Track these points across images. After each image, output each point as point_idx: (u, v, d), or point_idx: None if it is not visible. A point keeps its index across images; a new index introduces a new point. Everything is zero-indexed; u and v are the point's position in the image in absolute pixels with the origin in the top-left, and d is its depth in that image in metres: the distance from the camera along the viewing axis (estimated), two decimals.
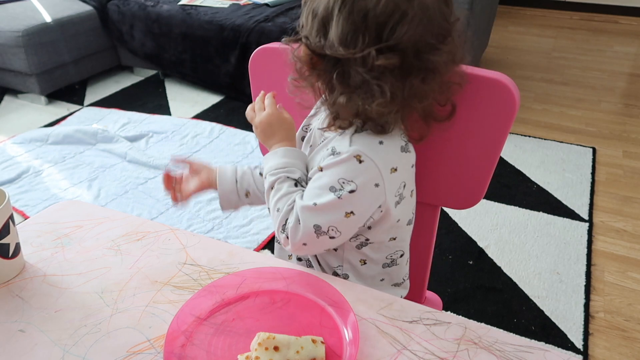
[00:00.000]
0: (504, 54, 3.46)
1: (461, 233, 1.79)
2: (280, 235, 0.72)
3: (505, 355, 0.57)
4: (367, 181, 0.68)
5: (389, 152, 0.71)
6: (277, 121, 0.78)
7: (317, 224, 0.69)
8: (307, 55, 0.70)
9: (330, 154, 0.71)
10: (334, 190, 0.69)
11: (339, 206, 0.68)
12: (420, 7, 0.63)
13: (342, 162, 0.69)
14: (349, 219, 0.69)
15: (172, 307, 0.64)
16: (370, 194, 0.69)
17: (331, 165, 0.70)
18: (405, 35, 0.63)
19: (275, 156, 0.76)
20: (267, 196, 0.75)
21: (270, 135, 0.78)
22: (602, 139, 2.41)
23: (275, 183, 0.74)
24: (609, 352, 1.35)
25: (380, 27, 0.63)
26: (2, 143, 2.43)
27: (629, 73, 3.18)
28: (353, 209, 0.69)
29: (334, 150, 0.71)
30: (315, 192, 0.70)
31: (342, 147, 0.70)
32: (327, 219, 0.69)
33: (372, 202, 0.71)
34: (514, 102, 0.73)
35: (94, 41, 3.00)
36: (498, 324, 1.43)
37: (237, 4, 2.84)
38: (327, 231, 0.69)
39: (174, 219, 1.89)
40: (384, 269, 0.82)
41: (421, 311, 0.63)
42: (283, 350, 0.55)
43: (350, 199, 0.68)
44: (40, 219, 0.82)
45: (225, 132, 2.51)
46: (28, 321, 0.63)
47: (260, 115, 0.78)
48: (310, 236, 0.69)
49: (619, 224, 1.83)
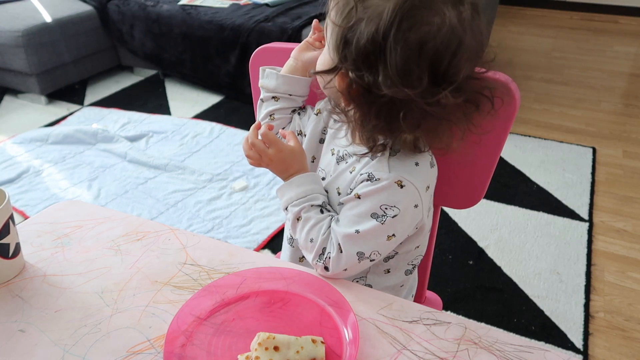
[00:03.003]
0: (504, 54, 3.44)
1: (461, 233, 1.79)
2: (317, 264, 0.71)
3: (505, 355, 0.57)
4: (408, 204, 0.69)
5: (423, 171, 0.71)
6: (289, 155, 0.74)
7: (360, 251, 0.69)
8: (347, 88, 0.64)
9: (365, 180, 0.69)
10: (376, 216, 0.69)
11: (381, 231, 0.69)
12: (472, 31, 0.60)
13: (384, 189, 0.68)
14: (390, 241, 0.70)
15: (172, 307, 0.64)
16: (410, 215, 0.70)
17: (371, 192, 0.69)
18: (463, 70, 0.60)
19: (291, 187, 0.74)
20: (294, 228, 0.74)
21: (286, 169, 0.75)
22: (602, 139, 2.41)
23: (301, 213, 0.73)
24: (609, 352, 1.35)
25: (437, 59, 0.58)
26: (2, 143, 2.43)
27: (629, 73, 3.18)
28: (395, 232, 0.70)
29: (371, 177, 0.69)
30: (355, 219, 0.70)
31: (381, 173, 0.68)
32: (370, 245, 0.70)
33: (411, 223, 0.72)
34: (515, 102, 0.73)
35: (94, 41, 3.00)
36: (498, 324, 1.43)
37: (237, 4, 2.84)
38: (369, 256, 0.70)
39: (174, 219, 1.89)
40: (405, 276, 0.83)
41: (421, 311, 0.63)
42: (283, 350, 0.55)
43: (393, 223, 0.69)
44: (40, 219, 0.82)
45: (225, 132, 2.51)
46: (28, 321, 0.63)
47: (268, 154, 0.74)
48: (352, 263, 0.70)
49: (619, 224, 1.83)
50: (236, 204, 1.96)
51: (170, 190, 2.04)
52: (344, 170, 0.76)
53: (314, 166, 0.86)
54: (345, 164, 0.76)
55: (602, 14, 4.21)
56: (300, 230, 0.73)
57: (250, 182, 2.10)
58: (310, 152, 0.86)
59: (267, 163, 0.75)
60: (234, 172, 2.16)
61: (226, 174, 2.15)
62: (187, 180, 2.12)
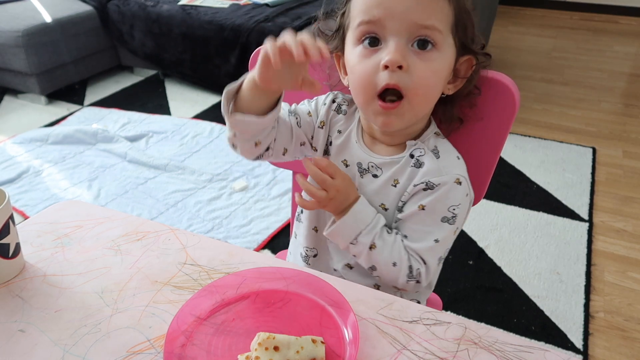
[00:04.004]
0: (504, 54, 3.46)
1: (461, 233, 1.78)
2: (409, 283, 0.72)
3: (505, 355, 0.57)
4: (464, 196, 0.71)
5: (462, 162, 0.74)
6: (349, 181, 0.70)
7: (440, 257, 0.73)
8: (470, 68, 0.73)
9: (423, 190, 0.70)
10: (447, 220, 0.71)
11: (452, 231, 0.72)
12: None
13: (448, 191, 0.70)
14: (455, 235, 0.74)
15: (172, 307, 0.64)
16: (467, 206, 0.73)
17: (436, 200, 0.70)
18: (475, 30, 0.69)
19: (355, 216, 0.70)
20: (368, 258, 0.72)
21: (347, 198, 0.70)
22: (602, 139, 2.41)
23: (375, 240, 0.70)
24: (609, 352, 1.35)
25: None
26: (2, 143, 2.43)
27: (629, 73, 3.18)
28: (458, 226, 0.73)
29: (430, 185, 0.70)
30: (429, 230, 0.71)
31: (439, 178, 0.70)
32: (446, 247, 0.73)
33: (467, 212, 0.74)
34: (514, 102, 0.73)
35: (94, 41, 3.00)
36: (498, 324, 1.43)
37: (237, 4, 2.84)
38: (444, 256, 0.73)
39: (174, 219, 1.89)
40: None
41: (421, 311, 0.63)
42: (283, 350, 0.55)
43: (459, 219, 0.72)
44: (40, 219, 0.82)
45: (225, 132, 2.50)
46: (28, 321, 0.63)
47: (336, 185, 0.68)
48: (436, 270, 0.74)
49: (619, 224, 1.83)
50: (236, 204, 1.96)
51: (170, 190, 2.04)
52: (385, 185, 0.74)
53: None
54: (372, 177, 0.75)
55: (602, 14, 4.21)
56: (377, 256, 0.71)
57: (250, 182, 2.10)
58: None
59: (332, 196, 0.69)
60: (234, 172, 2.16)
61: (226, 174, 2.15)
62: (187, 180, 2.12)
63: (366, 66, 0.66)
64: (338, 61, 0.76)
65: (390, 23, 0.63)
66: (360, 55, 0.67)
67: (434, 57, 0.65)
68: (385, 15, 0.63)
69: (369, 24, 0.65)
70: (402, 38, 0.64)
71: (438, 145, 0.73)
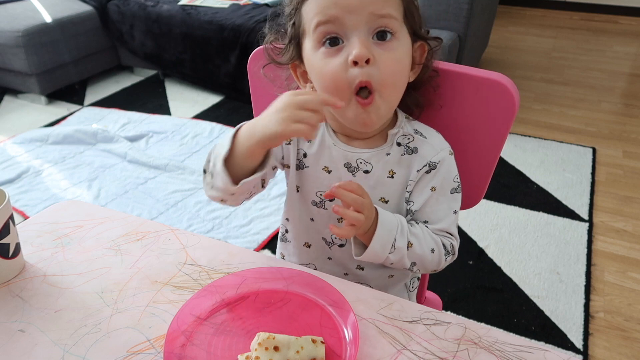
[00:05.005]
0: (504, 54, 3.46)
1: (461, 233, 1.79)
2: (447, 259, 0.76)
3: (505, 355, 0.57)
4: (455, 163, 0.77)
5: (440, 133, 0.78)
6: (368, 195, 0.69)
7: (457, 224, 0.78)
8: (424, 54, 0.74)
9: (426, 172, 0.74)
10: (454, 190, 0.76)
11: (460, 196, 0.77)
12: None
13: (448, 165, 0.75)
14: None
15: (172, 307, 0.64)
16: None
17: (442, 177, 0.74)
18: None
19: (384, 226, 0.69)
20: (408, 258, 0.72)
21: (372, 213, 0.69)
22: (602, 139, 2.41)
23: (409, 238, 0.71)
24: (609, 352, 1.35)
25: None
26: (2, 143, 2.43)
27: (629, 73, 3.18)
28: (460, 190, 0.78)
29: (432, 165, 0.73)
30: (444, 206, 0.75)
31: (437, 156, 0.74)
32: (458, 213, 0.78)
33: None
34: (514, 103, 0.73)
35: (94, 41, 3.00)
36: (498, 324, 1.43)
37: (237, 4, 2.84)
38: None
39: (174, 219, 1.89)
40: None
41: (421, 311, 0.63)
42: (283, 350, 0.55)
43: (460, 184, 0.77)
44: (40, 219, 0.82)
45: (225, 132, 2.50)
46: (28, 321, 0.63)
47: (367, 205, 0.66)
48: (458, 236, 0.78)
49: (619, 224, 1.83)
50: None
51: (170, 190, 2.04)
52: (380, 178, 0.74)
53: (301, 195, 0.79)
54: (364, 173, 0.74)
55: (602, 14, 4.21)
56: (416, 252, 0.71)
57: None
58: (294, 182, 0.79)
59: (367, 215, 0.67)
60: None
61: None
62: (187, 180, 2.12)
63: (334, 66, 0.65)
64: (295, 71, 0.75)
65: (348, 18, 0.63)
66: (324, 56, 0.66)
67: (394, 46, 0.65)
68: (343, 12, 0.63)
69: (327, 24, 0.65)
70: (363, 32, 0.64)
71: (417, 128, 0.76)
